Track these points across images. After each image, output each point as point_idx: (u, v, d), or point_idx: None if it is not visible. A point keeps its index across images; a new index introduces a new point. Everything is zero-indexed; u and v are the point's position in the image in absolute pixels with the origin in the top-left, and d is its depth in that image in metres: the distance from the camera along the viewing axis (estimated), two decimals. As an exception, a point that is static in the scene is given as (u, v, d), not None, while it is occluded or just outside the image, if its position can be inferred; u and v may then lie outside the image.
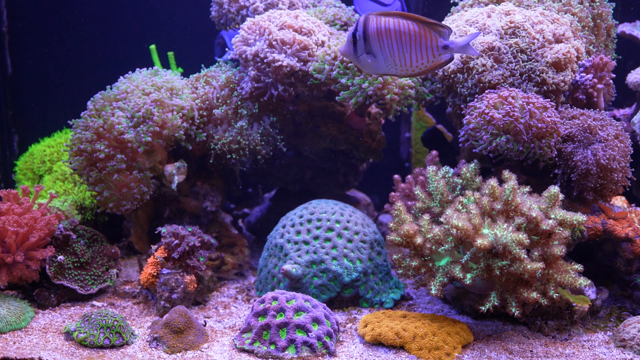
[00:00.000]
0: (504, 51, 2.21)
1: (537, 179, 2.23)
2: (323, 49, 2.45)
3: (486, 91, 2.15)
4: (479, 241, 1.80)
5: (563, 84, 2.21)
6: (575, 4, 2.44)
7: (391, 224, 2.05)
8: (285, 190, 3.03)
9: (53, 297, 2.22)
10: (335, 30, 2.60)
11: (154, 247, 2.26)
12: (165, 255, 2.22)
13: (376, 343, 1.94)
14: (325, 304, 2.04)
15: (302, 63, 2.44)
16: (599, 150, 2.08)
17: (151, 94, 2.43)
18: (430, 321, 1.97)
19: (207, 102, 2.57)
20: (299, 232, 2.29)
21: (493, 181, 1.94)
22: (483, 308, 1.89)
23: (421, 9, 3.29)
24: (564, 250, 1.86)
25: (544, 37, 2.21)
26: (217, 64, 2.72)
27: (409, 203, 2.38)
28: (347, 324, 2.12)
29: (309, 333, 1.87)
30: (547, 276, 1.88)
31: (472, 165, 2.11)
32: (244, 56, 2.48)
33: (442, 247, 1.92)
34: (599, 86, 2.29)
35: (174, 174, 2.47)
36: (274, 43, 2.42)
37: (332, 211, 2.32)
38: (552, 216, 1.89)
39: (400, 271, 2.03)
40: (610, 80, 2.37)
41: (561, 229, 1.89)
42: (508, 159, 2.22)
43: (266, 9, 2.71)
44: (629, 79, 2.61)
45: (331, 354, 1.88)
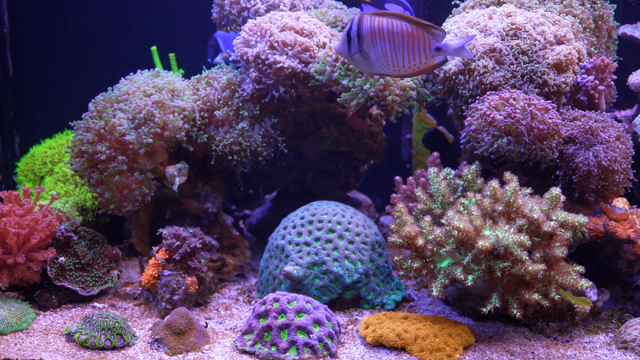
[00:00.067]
0: (506, 53, 2.21)
1: (539, 181, 2.23)
2: (324, 50, 2.45)
3: (487, 93, 2.15)
4: (481, 243, 1.80)
5: (564, 85, 2.21)
6: (577, 5, 2.44)
7: (392, 226, 2.05)
8: (286, 191, 3.03)
9: (54, 298, 2.22)
10: (336, 32, 2.60)
11: (155, 248, 2.27)
12: (167, 256, 2.22)
13: (377, 344, 1.94)
14: (326, 306, 2.04)
15: (303, 64, 2.44)
16: (600, 151, 2.08)
17: (152, 95, 2.43)
18: (432, 323, 1.97)
19: (208, 103, 2.57)
20: (300, 234, 2.29)
21: (494, 183, 1.94)
22: (484, 309, 1.88)
23: (422, 10, 3.29)
24: (565, 251, 1.86)
25: (545, 39, 2.21)
26: (218, 65, 2.72)
27: (410, 204, 2.38)
28: (349, 325, 2.12)
29: (310, 334, 1.87)
30: (549, 278, 1.88)
31: (474, 166, 2.11)
32: (245, 58, 2.48)
33: (444, 249, 1.92)
34: (600, 88, 2.29)
35: (175, 175, 2.47)
36: (275, 44, 2.42)
37: (333, 213, 2.32)
38: (554, 218, 1.88)
39: (401, 273, 2.03)
40: (612, 82, 2.37)
41: (562, 230, 1.89)
42: (509, 161, 2.22)
43: (267, 11, 2.71)
44: (630, 81, 2.61)
45: (332, 355, 1.88)
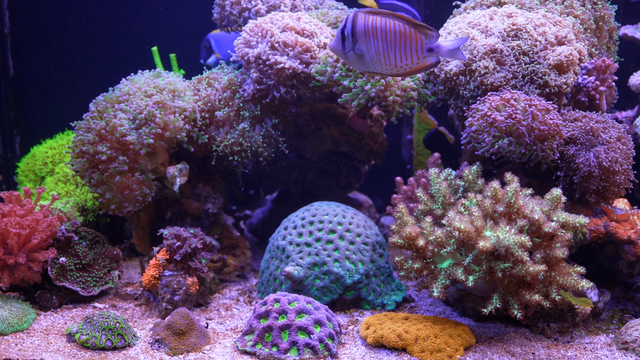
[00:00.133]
0: (507, 53, 2.21)
1: (540, 182, 2.23)
2: (325, 51, 2.45)
3: (488, 93, 2.15)
4: (481, 243, 1.79)
5: (565, 86, 2.21)
6: (578, 6, 2.44)
7: (393, 226, 2.05)
8: (286, 192, 3.03)
9: (55, 298, 2.22)
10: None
11: (155, 249, 2.26)
12: (167, 257, 2.22)
13: (378, 345, 1.94)
14: (327, 306, 2.04)
15: (304, 65, 2.44)
16: (601, 152, 2.08)
17: (153, 95, 2.43)
18: (433, 323, 1.97)
19: (209, 104, 2.57)
20: (301, 234, 2.29)
21: (495, 183, 1.94)
22: (485, 310, 1.88)
23: (423, 10, 3.30)
24: (566, 252, 1.86)
25: (546, 40, 2.21)
26: (219, 65, 2.72)
27: (411, 205, 2.38)
28: (349, 326, 2.12)
29: (311, 335, 1.87)
30: (550, 278, 1.88)
31: (474, 167, 2.11)
32: (246, 58, 2.48)
33: (445, 250, 1.92)
34: (601, 88, 2.29)
35: (176, 175, 2.47)
36: (276, 45, 2.42)
37: (334, 213, 2.32)
38: (555, 218, 1.88)
39: (402, 273, 2.03)
40: (613, 83, 2.37)
41: (563, 231, 1.89)
42: (510, 162, 2.22)
43: (268, 11, 2.71)
44: (631, 81, 2.61)
45: (333, 356, 1.88)
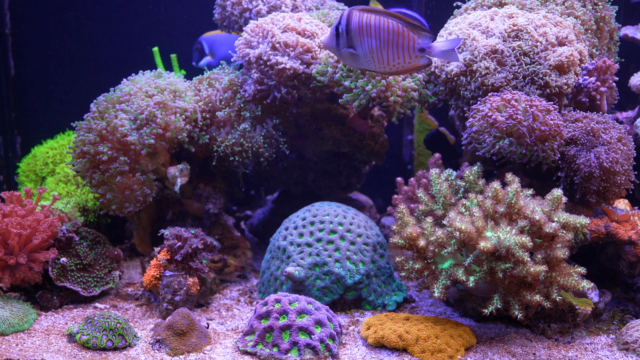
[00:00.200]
0: (507, 54, 2.21)
1: (540, 182, 2.23)
2: (326, 51, 2.45)
3: (489, 94, 2.15)
4: (482, 244, 1.79)
5: (566, 87, 2.21)
6: (578, 7, 2.44)
7: (394, 227, 2.05)
8: (287, 192, 3.03)
9: (56, 299, 2.22)
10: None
11: (156, 249, 2.27)
12: (168, 257, 2.22)
13: (379, 345, 1.94)
14: (328, 307, 2.04)
15: (305, 66, 2.44)
16: (602, 153, 2.08)
17: (154, 96, 2.43)
18: (433, 324, 1.97)
19: (210, 104, 2.57)
20: (301, 235, 2.29)
21: (496, 184, 1.94)
22: (486, 311, 1.88)
23: (424, 11, 3.30)
24: (567, 253, 1.86)
25: (547, 40, 2.21)
26: (220, 66, 2.73)
27: (412, 206, 2.38)
28: (350, 326, 2.12)
29: (311, 335, 1.87)
30: (550, 279, 1.88)
31: (475, 167, 2.11)
32: (247, 59, 2.48)
33: (445, 250, 1.92)
34: (602, 89, 2.29)
35: (177, 176, 2.47)
36: (277, 46, 2.42)
37: (334, 214, 2.32)
38: (555, 219, 1.88)
39: (403, 274, 2.03)
40: (613, 83, 2.37)
41: (564, 231, 1.89)
42: (511, 162, 2.22)
43: (269, 12, 2.71)
44: (632, 82, 2.61)
45: (334, 356, 1.88)
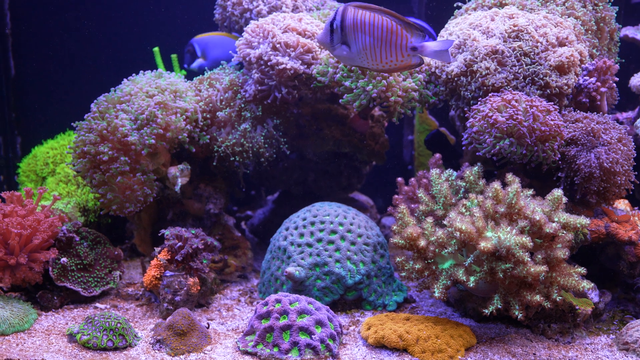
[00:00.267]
0: (508, 54, 2.21)
1: (541, 182, 2.23)
2: (327, 51, 2.45)
3: (490, 94, 2.15)
4: (483, 244, 1.80)
5: (566, 87, 2.21)
6: (579, 7, 2.44)
7: (394, 227, 2.05)
8: (288, 192, 3.03)
9: (56, 299, 2.22)
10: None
11: (157, 249, 2.27)
12: (169, 257, 2.22)
13: (379, 346, 1.94)
14: (328, 307, 2.04)
15: (305, 66, 2.44)
16: (602, 153, 2.08)
17: (155, 96, 2.44)
18: (434, 324, 1.97)
19: (210, 104, 2.57)
20: (302, 235, 2.29)
21: (496, 184, 1.94)
22: (486, 311, 1.89)
23: (424, 11, 3.30)
24: (567, 253, 1.86)
25: (547, 41, 2.22)
26: (220, 66, 2.73)
27: (412, 206, 2.38)
28: (350, 326, 2.12)
29: (312, 336, 1.87)
30: (551, 279, 1.88)
31: (476, 168, 2.11)
32: (247, 59, 2.48)
33: (446, 250, 1.92)
34: (602, 89, 2.29)
35: (178, 176, 2.47)
36: (277, 46, 2.42)
37: (335, 214, 2.32)
38: (556, 219, 1.88)
39: (403, 274, 2.03)
40: (614, 84, 2.37)
41: (564, 232, 1.89)
42: (511, 162, 2.22)
43: (270, 12, 2.71)
44: (632, 82, 2.61)
45: (334, 356, 1.88)
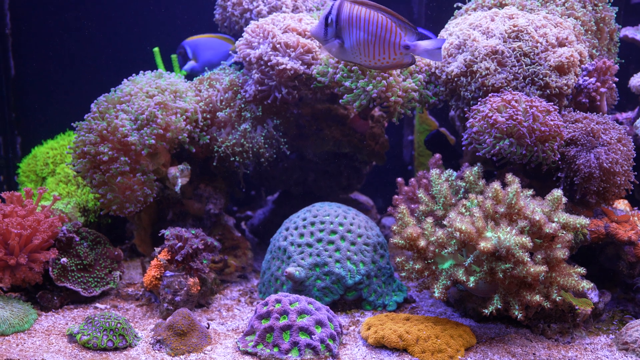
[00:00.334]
0: (508, 55, 2.21)
1: (540, 183, 2.23)
2: (327, 52, 2.45)
3: (489, 94, 2.15)
4: (482, 244, 1.80)
5: (566, 87, 2.21)
6: (578, 7, 2.44)
7: (394, 227, 2.05)
8: (288, 193, 3.03)
9: (56, 299, 2.22)
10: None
11: (157, 249, 2.27)
12: (169, 257, 2.22)
13: (379, 346, 1.94)
14: (328, 307, 2.04)
15: (305, 66, 2.44)
16: (601, 153, 2.09)
17: (155, 96, 2.44)
18: (433, 324, 1.97)
19: (210, 104, 2.57)
20: (302, 235, 2.29)
21: (496, 184, 1.94)
22: (486, 311, 1.89)
23: (424, 12, 3.30)
24: (567, 253, 1.86)
25: (547, 41, 2.22)
26: (220, 66, 2.73)
27: (412, 206, 2.38)
28: (350, 326, 2.12)
29: (312, 336, 1.87)
30: (550, 279, 1.88)
31: (476, 168, 2.11)
32: (247, 59, 2.49)
33: (446, 250, 1.92)
34: (601, 90, 2.29)
35: (178, 176, 2.47)
36: (277, 46, 2.42)
37: (335, 214, 2.32)
38: (555, 219, 1.89)
39: (403, 274, 2.03)
40: (613, 84, 2.37)
41: (564, 232, 1.89)
42: (511, 162, 2.22)
43: (270, 12, 2.72)
44: (632, 83, 2.61)
45: (334, 356, 1.88)
